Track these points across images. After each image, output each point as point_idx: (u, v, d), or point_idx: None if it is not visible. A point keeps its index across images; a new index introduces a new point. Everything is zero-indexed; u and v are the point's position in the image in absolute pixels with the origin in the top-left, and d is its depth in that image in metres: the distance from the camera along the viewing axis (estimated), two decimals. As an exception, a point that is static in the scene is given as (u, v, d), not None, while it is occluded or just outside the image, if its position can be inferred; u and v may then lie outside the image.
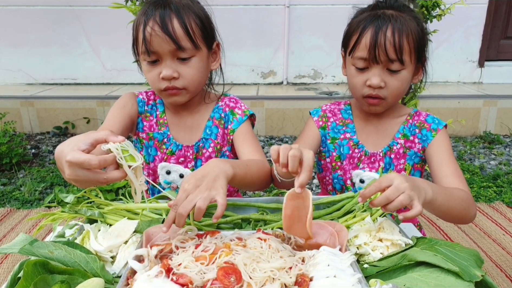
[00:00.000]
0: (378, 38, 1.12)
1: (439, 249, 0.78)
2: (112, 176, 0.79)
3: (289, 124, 3.76)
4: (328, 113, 1.37)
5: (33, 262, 0.70)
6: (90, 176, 0.77)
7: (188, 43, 1.14)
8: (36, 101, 3.81)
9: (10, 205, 2.65)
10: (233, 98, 1.36)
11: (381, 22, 1.13)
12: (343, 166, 1.32)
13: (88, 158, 0.75)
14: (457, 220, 1.07)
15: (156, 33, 1.10)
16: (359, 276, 0.73)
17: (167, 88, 1.17)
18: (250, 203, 1.08)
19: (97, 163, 0.75)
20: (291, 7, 4.18)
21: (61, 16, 4.21)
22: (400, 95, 1.22)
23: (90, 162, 0.75)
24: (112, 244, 0.86)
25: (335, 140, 1.33)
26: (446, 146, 1.23)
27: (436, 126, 1.25)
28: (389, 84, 1.17)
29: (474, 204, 1.08)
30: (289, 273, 0.74)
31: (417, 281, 0.74)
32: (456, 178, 1.14)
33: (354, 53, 1.18)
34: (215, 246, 0.80)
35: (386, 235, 0.89)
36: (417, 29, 1.16)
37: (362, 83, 1.19)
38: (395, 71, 1.16)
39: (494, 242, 2.16)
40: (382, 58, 1.13)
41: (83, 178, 0.77)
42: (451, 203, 0.99)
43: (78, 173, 0.76)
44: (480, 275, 0.72)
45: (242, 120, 1.30)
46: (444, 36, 4.13)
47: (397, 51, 1.12)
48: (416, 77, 1.25)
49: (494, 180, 2.86)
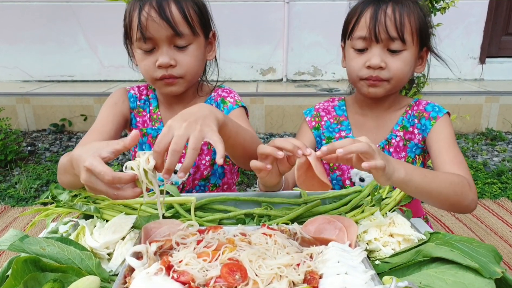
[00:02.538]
0: (378, 16, 1.08)
1: (456, 245, 0.74)
2: (124, 194, 0.74)
3: (289, 121, 3.71)
4: (322, 112, 1.32)
5: (23, 259, 0.65)
6: (102, 188, 0.73)
7: (187, 28, 1.09)
8: (32, 98, 3.76)
9: (4, 203, 2.60)
10: (226, 89, 1.30)
11: (381, 2, 1.10)
12: (340, 166, 1.27)
13: (104, 171, 0.70)
14: (449, 205, 0.97)
15: (153, 18, 1.05)
16: (372, 273, 0.68)
17: (163, 77, 1.12)
18: (253, 197, 1.03)
19: (110, 179, 0.70)
20: (291, 3, 4.13)
21: (58, 12, 4.15)
22: (403, 79, 1.15)
23: (104, 176, 0.70)
24: (109, 240, 0.81)
25: (330, 139, 1.28)
26: (446, 133, 1.15)
27: (435, 114, 1.18)
28: (390, 65, 1.11)
29: (471, 190, 0.99)
30: (297, 270, 0.69)
31: (434, 278, 0.69)
32: (455, 165, 1.07)
33: (353, 33, 1.14)
34: (218, 242, 0.75)
35: (397, 230, 0.84)
36: (419, 12, 1.12)
37: (361, 65, 1.14)
38: (396, 51, 1.11)
39: (501, 239, 2.12)
40: (382, 36, 1.09)
41: (95, 186, 0.73)
42: (434, 185, 0.91)
43: (93, 180, 0.72)
44: (500, 272, 0.68)
45: (233, 108, 1.23)
46: (445, 32, 4.09)
47: (398, 28, 1.08)
48: (420, 66, 1.20)
49: (499, 176, 2.83)
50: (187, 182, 1.27)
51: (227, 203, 1.02)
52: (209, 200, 1.01)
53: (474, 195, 1.00)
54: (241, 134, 0.95)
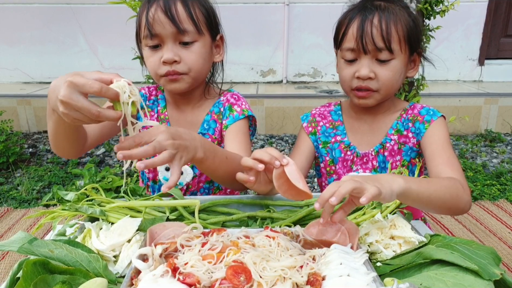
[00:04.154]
0: (365, 27, 1.09)
1: (456, 247, 0.75)
2: (106, 112, 0.73)
3: (289, 123, 3.73)
4: (318, 117, 1.33)
5: (32, 261, 0.67)
6: (84, 104, 0.71)
7: (191, 26, 1.12)
8: (33, 100, 3.77)
9: (7, 205, 2.61)
10: (235, 95, 1.32)
11: (368, 12, 1.11)
12: (336, 170, 1.28)
13: (91, 81, 0.70)
14: (446, 209, 0.98)
15: (159, 15, 1.09)
16: (373, 275, 0.70)
17: (167, 74, 1.15)
18: (256, 200, 1.05)
19: (98, 87, 0.70)
20: (291, 5, 4.15)
21: (58, 13, 4.16)
22: (393, 87, 1.16)
23: (92, 84, 0.70)
24: (115, 243, 0.82)
25: (326, 144, 1.30)
26: (440, 135, 1.15)
27: (430, 118, 1.18)
28: (379, 75, 1.12)
29: (466, 191, 1.00)
30: (300, 272, 0.71)
31: (434, 280, 0.71)
32: (448, 167, 1.07)
33: (342, 45, 1.15)
34: (223, 244, 0.76)
35: (398, 233, 0.86)
36: (407, 19, 1.12)
37: (351, 76, 1.15)
38: (384, 61, 1.11)
39: (500, 240, 2.14)
40: (369, 47, 1.10)
41: (76, 103, 0.71)
42: (431, 190, 0.92)
43: (73, 97, 0.70)
44: (499, 274, 0.70)
45: (238, 118, 1.25)
46: (444, 34, 4.11)
47: (385, 39, 1.09)
48: (411, 70, 1.21)
49: (498, 178, 2.84)
50: (192, 184, 1.29)
51: (230, 206, 1.04)
52: (212, 202, 1.03)
53: (468, 196, 1.00)
54: (222, 169, 1.01)
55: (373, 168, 1.24)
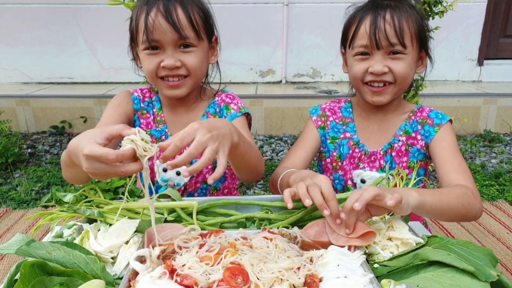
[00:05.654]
0: (378, 23, 1.10)
1: (453, 248, 0.75)
2: (130, 168, 0.75)
3: (288, 123, 3.73)
4: (328, 111, 1.34)
5: (30, 263, 0.67)
6: (108, 170, 0.74)
7: (192, 33, 1.12)
8: (32, 100, 3.77)
9: (6, 205, 2.61)
10: (230, 95, 1.33)
11: (379, 9, 1.12)
12: (343, 166, 1.29)
13: (106, 152, 0.72)
14: (459, 218, 1.02)
15: (160, 21, 1.09)
16: (370, 276, 0.70)
17: (166, 76, 1.15)
18: (254, 201, 1.05)
19: (114, 157, 0.72)
20: (290, 5, 4.15)
21: (57, 14, 4.16)
22: (407, 80, 1.17)
23: (107, 156, 0.72)
24: (113, 244, 0.82)
25: (335, 140, 1.30)
26: (450, 141, 1.18)
27: (439, 122, 1.21)
28: (393, 68, 1.14)
29: (477, 198, 1.03)
30: (298, 274, 0.71)
31: (431, 281, 0.71)
32: (460, 174, 1.10)
33: (354, 42, 1.16)
34: (220, 246, 0.77)
35: (396, 234, 0.86)
36: (416, 16, 1.14)
37: (363, 71, 1.16)
38: (398, 53, 1.13)
39: (498, 240, 2.14)
40: (383, 43, 1.11)
41: (101, 171, 0.74)
42: (444, 201, 0.95)
43: (96, 166, 0.73)
44: (496, 275, 0.70)
45: (236, 116, 1.26)
46: (443, 34, 4.11)
47: (398, 34, 1.10)
48: (420, 67, 1.22)
49: (496, 178, 2.85)
50: (190, 184, 1.29)
51: (228, 207, 1.03)
52: (210, 204, 1.03)
53: (479, 204, 1.03)
54: (248, 154, 1.01)
55: (380, 167, 1.25)
